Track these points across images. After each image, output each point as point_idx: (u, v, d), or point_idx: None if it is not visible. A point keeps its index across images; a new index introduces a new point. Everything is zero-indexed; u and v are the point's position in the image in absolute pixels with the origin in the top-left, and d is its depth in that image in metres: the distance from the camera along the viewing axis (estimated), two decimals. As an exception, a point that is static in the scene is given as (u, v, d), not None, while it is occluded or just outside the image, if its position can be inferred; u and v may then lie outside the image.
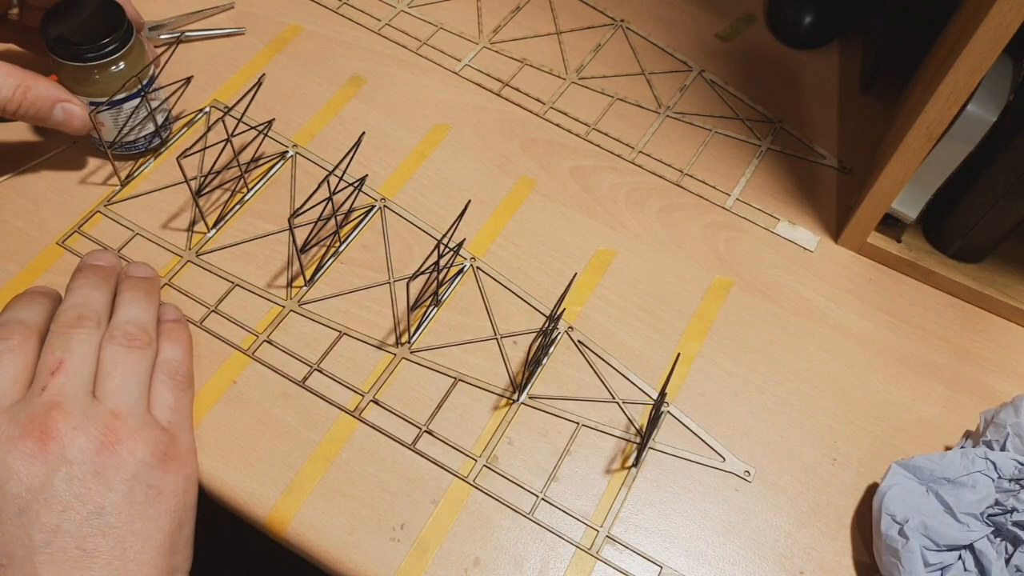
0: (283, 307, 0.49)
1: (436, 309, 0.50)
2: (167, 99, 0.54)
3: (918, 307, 0.53)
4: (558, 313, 0.45)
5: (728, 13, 0.67)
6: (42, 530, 0.36)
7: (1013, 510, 0.39)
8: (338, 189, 0.50)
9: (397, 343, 0.48)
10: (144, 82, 0.50)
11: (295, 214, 0.45)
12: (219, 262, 0.50)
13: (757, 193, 0.57)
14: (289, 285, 0.50)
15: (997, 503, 0.40)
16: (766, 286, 0.52)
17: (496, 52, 0.63)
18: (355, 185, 0.50)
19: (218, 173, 0.53)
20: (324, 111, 0.58)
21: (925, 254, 0.53)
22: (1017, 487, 0.40)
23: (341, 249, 0.51)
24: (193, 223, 0.52)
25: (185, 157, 0.47)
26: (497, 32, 0.64)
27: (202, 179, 0.52)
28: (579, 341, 0.49)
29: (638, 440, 0.46)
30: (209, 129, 0.48)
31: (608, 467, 0.45)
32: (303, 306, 0.49)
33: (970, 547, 0.40)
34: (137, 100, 0.50)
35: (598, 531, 0.43)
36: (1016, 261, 0.53)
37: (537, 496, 0.44)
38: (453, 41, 0.63)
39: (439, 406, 0.46)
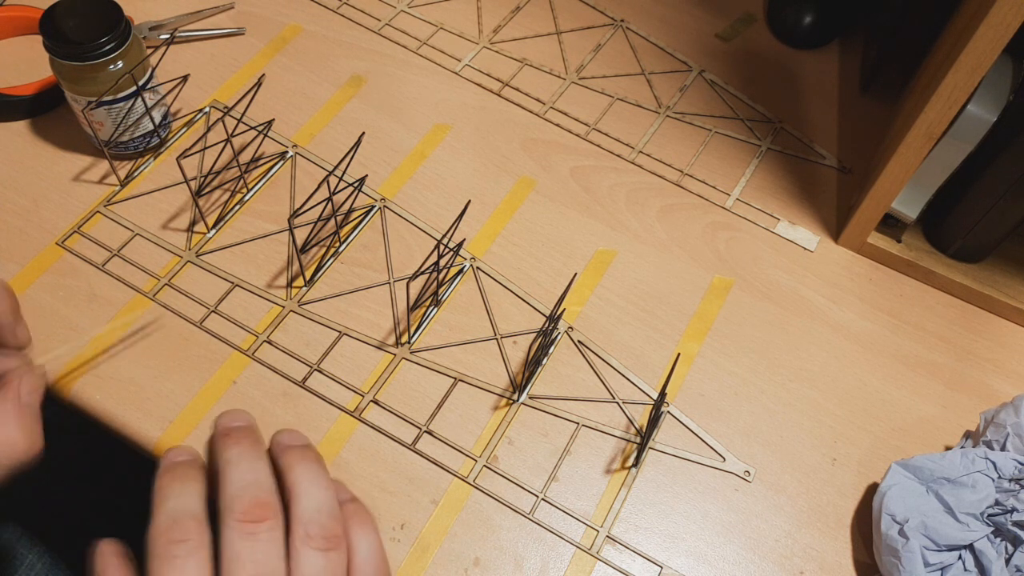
0: (283, 307, 0.49)
1: (436, 309, 0.50)
2: (164, 96, 0.54)
3: (918, 307, 0.53)
4: (558, 313, 0.45)
5: (728, 13, 0.67)
6: None
7: (1013, 510, 0.39)
8: (338, 189, 0.50)
9: (397, 343, 0.48)
10: (141, 81, 0.50)
11: (295, 214, 0.45)
12: (219, 262, 0.50)
13: (757, 193, 0.57)
14: (289, 285, 0.50)
15: (997, 503, 0.40)
16: (766, 286, 0.52)
17: (496, 52, 0.63)
18: (355, 185, 0.50)
19: (218, 173, 0.53)
20: (324, 111, 0.58)
21: (925, 254, 0.53)
22: (1017, 487, 0.40)
23: (341, 249, 0.51)
24: (193, 223, 0.52)
25: (185, 157, 0.46)
26: (497, 32, 0.64)
27: (202, 179, 0.52)
28: (579, 341, 0.49)
29: (638, 440, 0.46)
30: (209, 129, 0.48)
31: (608, 467, 0.45)
32: (303, 306, 0.49)
33: (970, 547, 0.40)
34: (134, 99, 0.50)
35: (598, 531, 0.43)
36: (1016, 261, 0.53)
37: (537, 496, 0.44)
38: (453, 41, 0.63)
39: (439, 406, 0.46)
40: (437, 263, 0.45)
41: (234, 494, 0.35)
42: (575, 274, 0.49)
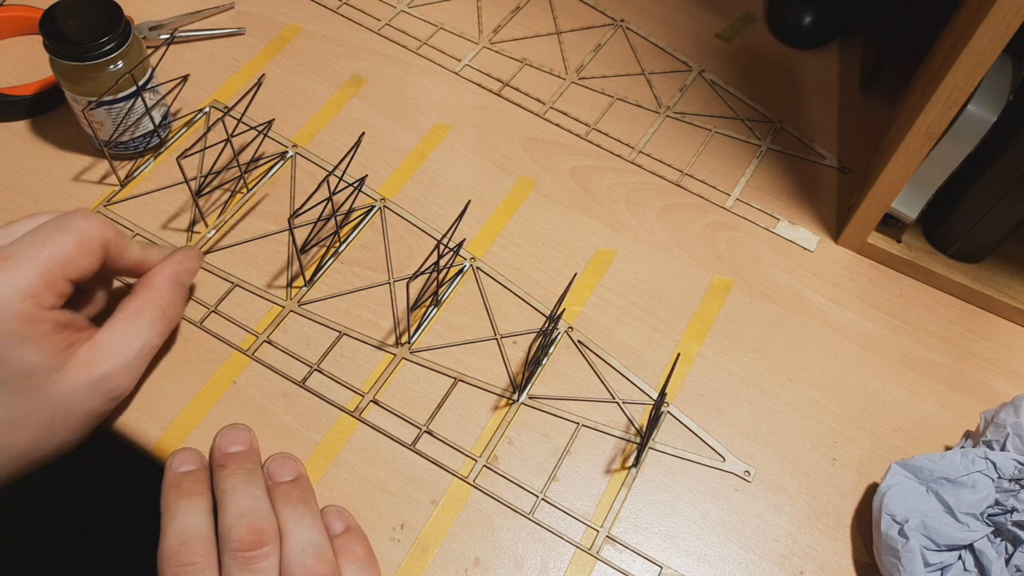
0: (283, 307, 0.49)
1: (436, 309, 0.50)
2: (164, 96, 0.54)
3: (918, 307, 0.53)
4: (558, 313, 0.45)
5: (728, 13, 0.67)
6: None
7: (1013, 510, 0.39)
8: (338, 189, 0.50)
9: (397, 343, 0.48)
10: (141, 81, 0.50)
11: (295, 214, 0.45)
12: (219, 262, 0.50)
13: (757, 193, 0.57)
14: (289, 285, 0.50)
15: (997, 503, 0.40)
16: (766, 286, 0.52)
17: (496, 52, 0.63)
18: (355, 185, 0.50)
19: (218, 173, 0.53)
20: (324, 111, 0.58)
21: (925, 254, 0.53)
22: (1017, 487, 0.40)
23: (341, 249, 0.51)
24: (193, 223, 0.52)
25: (185, 157, 0.46)
26: (497, 32, 0.64)
27: (202, 179, 0.52)
28: (579, 341, 0.49)
29: (638, 440, 0.46)
30: (209, 129, 0.48)
31: (608, 467, 0.45)
32: (303, 306, 0.49)
33: (970, 547, 0.40)
34: (134, 99, 0.50)
35: (598, 531, 0.43)
36: (1016, 261, 0.53)
37: (537, 496, 0.44)
38: (453, 41, 0.63)
39: (439, 406, 0.46)
40: (437, 263, 0.45)
41: (231, 523, 0.37)
42: (575, 274, 0.49)
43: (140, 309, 0.41)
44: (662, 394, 0.41)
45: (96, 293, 0.43)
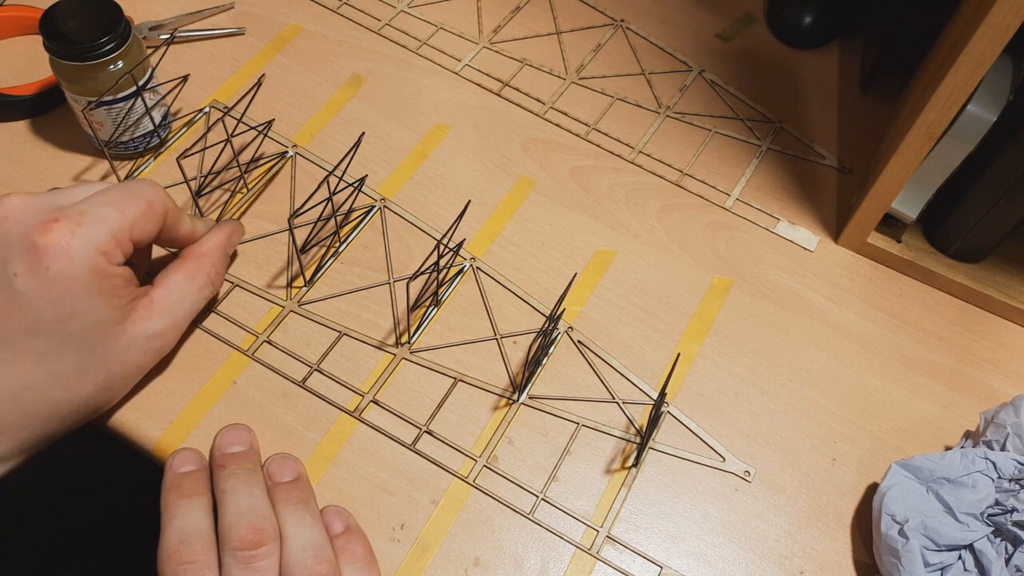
0: (283, 307, 0.49)
1: (436, 309, 0.50)
2: (164, 97, 0.54)
3: (918, 307, 0.53)
4: (558, 313, 0.45)
5: (728, 13, 0.67)
6: None
7: (1013, 510, 0.39)
8: (338, 189, 0.50)
9: (397, 343, 0.48)
10: (141, 81, 0.50)
11: (295, 214, 0.45)
12: (219, 262, 0.50)
13: (757, 193, 0.57)
14: (289, 285, 0.50)
15: (997, 503, 0.40)
16: (766, 286, 0.52)
17: (496, 52, 0.63)
18: (355, 185, 0.50)
19: (218, 173, 0.53)
20: (324, 111, 0.58)
21: (925, 254, 0.53)
22: (1017, 487, 0.40)
23: (341, 249, 0.51)
24: (193, 223, 0.52)
25: (185, 157, 0.46)
26: (497, 32, 0.64)
27: (202, 179, 0.52)
28: (579, 341, 0.49)
29: (638, 440, 0.46)
30: (209, 129, 0.48)
31: (608, 467, 0.45)
32: (303, 306, 0.49)
33: (970, 547, 0.40)
34: (134, 99, 0.50)
35: (598, 531, 0.43)
36: (1016, 261, 0.53)
37: (537, 496, 0.44)
38: (453, 41, 0.63)
39: (439, 406, 0.46)
40: (437, 263, 0.45)
41: (231, 522, 0.37)
42: (575, 274, 0.49)
43: (193, 273, 0.44)
44: (662, 394, 0.41)
45: (138, 262, 0.45)
